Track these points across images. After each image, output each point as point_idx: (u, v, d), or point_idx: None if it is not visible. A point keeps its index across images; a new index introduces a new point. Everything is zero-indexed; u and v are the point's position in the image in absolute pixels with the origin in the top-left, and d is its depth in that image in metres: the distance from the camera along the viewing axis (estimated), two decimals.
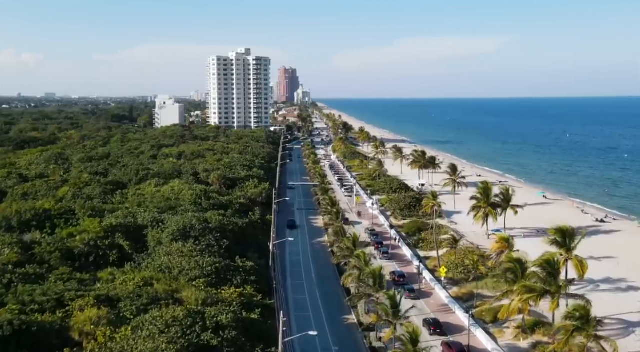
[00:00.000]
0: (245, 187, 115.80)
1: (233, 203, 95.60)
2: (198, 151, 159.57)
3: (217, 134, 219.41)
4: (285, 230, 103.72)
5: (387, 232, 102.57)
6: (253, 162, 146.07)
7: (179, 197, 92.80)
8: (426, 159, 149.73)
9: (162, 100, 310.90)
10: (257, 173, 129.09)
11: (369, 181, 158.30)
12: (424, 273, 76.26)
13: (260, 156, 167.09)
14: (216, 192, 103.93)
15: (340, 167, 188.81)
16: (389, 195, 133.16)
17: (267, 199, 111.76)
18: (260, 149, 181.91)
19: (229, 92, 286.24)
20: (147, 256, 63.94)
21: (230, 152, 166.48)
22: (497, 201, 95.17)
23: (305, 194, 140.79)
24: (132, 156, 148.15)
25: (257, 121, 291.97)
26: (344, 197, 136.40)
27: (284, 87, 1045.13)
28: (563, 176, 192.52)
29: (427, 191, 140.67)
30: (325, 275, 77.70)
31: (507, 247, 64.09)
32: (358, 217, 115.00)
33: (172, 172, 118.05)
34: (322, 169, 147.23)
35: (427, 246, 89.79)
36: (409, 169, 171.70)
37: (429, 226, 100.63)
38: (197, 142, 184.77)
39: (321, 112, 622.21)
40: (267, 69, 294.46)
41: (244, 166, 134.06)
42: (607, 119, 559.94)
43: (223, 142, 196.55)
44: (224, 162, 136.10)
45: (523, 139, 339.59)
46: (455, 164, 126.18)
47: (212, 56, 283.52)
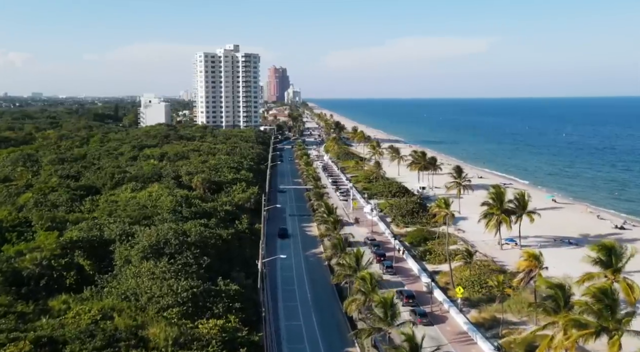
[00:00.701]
0: (231, 191, 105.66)
1: (218, 210, 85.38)
2: (182, 152, 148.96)
3: (204, 134, 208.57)
4: (276, 240, 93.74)
5: (388, 242, 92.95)
6: (241, 163, 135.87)
7: (157, 205, 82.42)
8: (426, 160, 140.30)
9: (147, 98, 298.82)
10: (246, 176, 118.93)
11: (364, 183, 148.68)
12: (434, 292, 66.63)
13: (249, 157, 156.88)
14: (199, 197, 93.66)
15: (334, 169, 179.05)
16: (388, 199, 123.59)
17: (256, 205, 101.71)
18: (249, 149, 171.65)
19: (216, 90, 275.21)
20: (112, 278, 53.67)
21: (217, 153, 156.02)
22: (511, 207, 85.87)
23: (298, 198, 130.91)
24: (111, 158, 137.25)
25: (247, 120, 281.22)
26: (339, 201, 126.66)
27: (274, 87, 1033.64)
28: (565, 177, 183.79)
29: (428, 194, 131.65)
30: (322, 296, 67.75)
31: (537, 265, 54.54)
32: (355, 224, 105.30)
33: (152, 176, 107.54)
34: (315, 171, 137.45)
35: (435, 259, 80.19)
36: (406, 171, 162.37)
37: (435, 234, 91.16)
38: (181, 143, 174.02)
39: (312, 111, 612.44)
40: (256, 66, 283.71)
41: (231, 168, 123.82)
42: (601, 118, 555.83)
43: (210, 143, 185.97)
44: (209, 164, 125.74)
45: (518, 139, 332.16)
46: (459, 166, 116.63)
47: (199, 53, 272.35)
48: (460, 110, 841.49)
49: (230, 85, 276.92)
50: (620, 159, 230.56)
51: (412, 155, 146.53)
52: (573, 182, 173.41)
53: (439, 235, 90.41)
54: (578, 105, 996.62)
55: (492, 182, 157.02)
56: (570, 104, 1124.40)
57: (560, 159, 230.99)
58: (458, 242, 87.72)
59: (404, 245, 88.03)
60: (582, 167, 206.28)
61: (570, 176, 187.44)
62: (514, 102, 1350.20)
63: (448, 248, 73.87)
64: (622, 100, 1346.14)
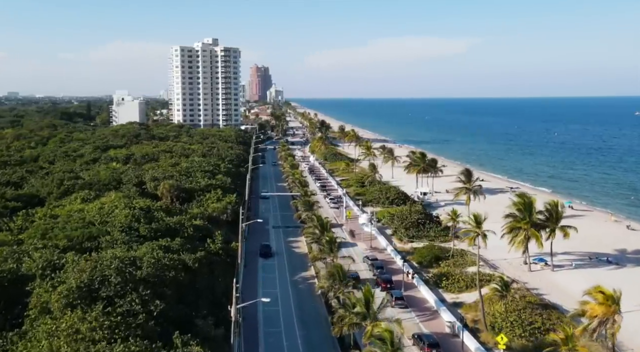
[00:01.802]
0: (204, 200, 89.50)
1: (185, 226, 69.21)
2: (152, 153, 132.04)
3: (179, 134, 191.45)
4: (258, 260, 77.90)
5: (391, 260, 77.83)
6: (218, 166, 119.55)
7: (108, 220, 66.00)
8: (426, 162, 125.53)
9: (120, 96, 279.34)
10: (222, 181, 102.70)
11: (357, 187, 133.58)
12: (462, 335, 51.43)
13: (228, 159, 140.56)
14: (164, 209, 77.30)
15: (322, 171, 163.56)
16: (385, 206, 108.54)
17: (234, 215, 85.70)
18: (228, 150, 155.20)
19: (194, 87, 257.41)
20: (18, 338, 37.41)
21: (192, 154, 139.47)
22: (540, 219, 71.31)
23: (283, 205, 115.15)
24: (67, 160, 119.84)
25: (226, 119, 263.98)
26: (329, 209, 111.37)
27: (256, 86, 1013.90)
28: (569, 180, 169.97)
29: (430, 200, 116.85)
30: (318, 344, 51.86)
31: (616, 311, 39.66)
32: (351, 238, 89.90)
33: (110, 182, 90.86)
34: (301, 175, 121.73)
35: (453, 286, 65.12)
36: (401, 173, 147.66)
37: (447, 252, 76.17)
38: (152, 143, 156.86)
39: (295, 110, 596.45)
40: (236, 61, 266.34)
41: (206, 172, 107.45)
42: (585, 118, 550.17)
43: (184, 143, 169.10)
44: (180, 168, 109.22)
45: (509, 139, 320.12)
46: (468, 169, 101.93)
47: (175, 47, 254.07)
48: (443, 109, 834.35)
49: (208, 81, 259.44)
50: (621, 159, 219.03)
51: (410, 156, 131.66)
52: (579, 186, 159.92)
53: (453, 253, 75.43)
54: (557, 106, 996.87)
55: (496, 186, 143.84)
56: (549, 104, 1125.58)
57: (558, 160, 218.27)
58: (477, 262, 72.83)
59: (413, 267, 72.82)
60: (584, 169, 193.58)
61: (573, 178, 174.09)
62: (495, 102, 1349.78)
63: (478, 278, 58.47)
64: (605, 100, 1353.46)
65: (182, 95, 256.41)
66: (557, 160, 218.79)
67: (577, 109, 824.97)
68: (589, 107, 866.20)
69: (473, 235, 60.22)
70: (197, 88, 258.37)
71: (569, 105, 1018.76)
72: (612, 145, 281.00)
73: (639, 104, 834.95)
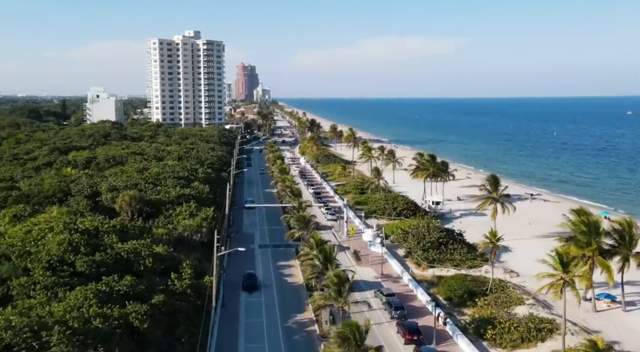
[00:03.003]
0: (174, 215, 72.11)
1: (142, 256, 51.79)
2: (119, 156, 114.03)
3: (156, 133, 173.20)
4: (239, 295, 60.64)
5: (410, 293, 61.10)
6: (195, 171, 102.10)
7: (33, 251, 48.32)
8: (436, 165, 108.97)
9: (95, 93, 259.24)
10: (198, 189, 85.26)
11: (355, 194, 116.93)
12: None
13: (208, 162, 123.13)
14: (118, 230, 59.74)
15: (315, 175, 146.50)
16: (391, 218, 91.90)
17: (211, 235, 68.43)
18: (209, 151, 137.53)
19: (174, 83, 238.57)
20: None
21: (166, 157, 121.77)
22: (609, 244, 54.94)
23: (271, 217, 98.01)
24: (14, 164, 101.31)
25: (209, 118, 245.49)
26: (325, 221, 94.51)
27: (243, 85, 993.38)
28: (584, 185, 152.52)
29: (442, 210, 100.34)
30: None
31: None
32: (355, 261, 72.96)
33: (55, 193, 72.96)
34: (293, 181, 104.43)
35: (504, 338, 48.18)
36: (404, 177, 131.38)
37: (484, 284, 59.50)
38: (123, 144, 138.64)
39: (282, 110, 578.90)
40: (220, 55, 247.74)
41: (180, 179, 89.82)
42: (581, 118, 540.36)
43: (160, 144, 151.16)
44: (148, 174, 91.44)
45: (508, 139, 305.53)
46: (496, 175, 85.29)
47: (153, 39, 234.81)
48: (433, 109, 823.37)
49: (190, 77, 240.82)
50: (633, 160, 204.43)
51: (417, 159, 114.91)
52: (597, 191, 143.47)
53: (491, 287, 58.62)
54: (548, 105, 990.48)
55: (512, 193, 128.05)
56: (540, 104, 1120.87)
57: (564, 162, 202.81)
58: (524, 299, 56.25)
59: (441, 305, 55.92)
60: (595, 172, 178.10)
61: (587, 182, 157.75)
62: (484, 102, 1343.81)
63: (564, 343, 41.27)
64: (595, 100, 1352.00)
65: (161, 92, 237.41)
66: (563, 162, 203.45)
67: (569, 108, 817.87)
68: (580, 107, 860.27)
69: (559, 282, 42.31)
70: (178, 84, 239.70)
71: (560, 105, 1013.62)
72: (615, 145, 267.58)
73: (630, 104, 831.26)
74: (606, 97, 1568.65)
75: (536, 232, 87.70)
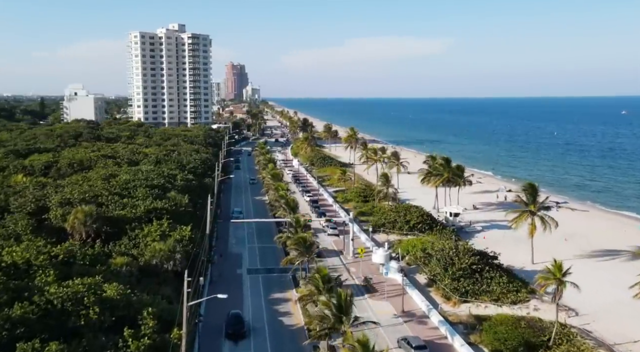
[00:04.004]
0: (142, 237, 57.42)
1: (84, 305, 37.20)
2: (87, 160, 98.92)
3: (135, 133, 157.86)
4: (221, 344, 46.25)
5: (442, 341, 47.06)
6: (173, 178, 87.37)
7: None
8: (451, 170, 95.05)
9: (72, 90, 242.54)
10: (175, 201, 70.61)
11: (357, 202, 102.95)
12: None
13: (190, 166, 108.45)
14: (62, 261, 45.04)
15: (310, 180, 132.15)
16: (403, 232, 77.97)
17: (187, 260, 53.97)
18: (192, 154, 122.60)
19: (157, 79, 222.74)
20: None
21: (143, 160, 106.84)
22: None
23: (262, 232, 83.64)
24: None
25: (195, 117, 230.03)
26: (326, 236, 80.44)
27: (232, 84, 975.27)
28: (602, 191, 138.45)
29: (461, 224, 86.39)
30: None
31: None
32: (366, 290, 58.76)
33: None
34: (287, 189, 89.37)
35: None
36: (406, 182, 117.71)
37: (543, 333, 45.48)
38: (95, 145, 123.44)
39: (272, 109, 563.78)
40: (206, 50, 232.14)
41: (153, 188, 75.03)
42: (577, 117, 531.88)
43: (139, 145, 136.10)
44: (116, 182, 76.56)
45: (507, 139, 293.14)
46: (533, 184, 71.20)
47: (135, 33, 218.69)
48: (426, 109, 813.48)
49: (174, 73, 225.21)
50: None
51: (429, 163, 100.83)
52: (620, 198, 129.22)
53: (555, 336, 44.64)
54: (542, 105, 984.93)
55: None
56: (533, 103, 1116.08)
57: (573, 164, 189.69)
58: None
59: None
60: (611, 175, 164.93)
61: (608, 188, 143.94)
62: (476, 101, 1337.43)
63: None
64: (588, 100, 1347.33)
65: (143, 90, 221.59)
66: (572, 164, 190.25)
67: (564, 108, 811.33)
68: (575, 107, 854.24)
69: None
70: (161, 81, 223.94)
71: (555, 104, 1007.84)
72: (620, 145, 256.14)
73: (624, 104, 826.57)
74: (599, 97, 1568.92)
75: (576, 249, 74.23)
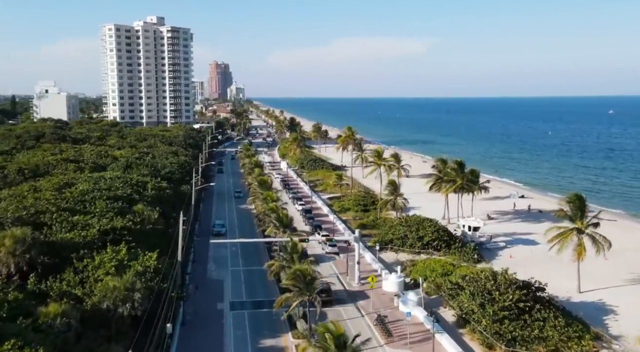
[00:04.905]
0: (91, 269, 44.02)
1: None
2: (43, 165, 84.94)
3: (107, 134, 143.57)
4: None
5: None
6: (143, 186, 73.95)
7: None
8: (465, 176, 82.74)
9: (43, 87, 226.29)
10: (142, 216, 57.28)
11: (357, 211, 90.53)
12: None
13: (166, 171, 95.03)
14: None
15: (301, 185, 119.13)
16: (416, 251, 65.50)
17: (149, 301, 40.88)
18: (169, 157, 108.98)
19: (134, 75, 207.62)
20: None
21: (110, 164, 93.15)
22: None
23: (249, 251, 70.43)
24: None
25: (175, 116, 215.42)
26: (323, 254, 67.61)
27: (216, 83, 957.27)
28: (619, 196, 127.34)
29: (482, 239, 74.04)
30: None
31: None
32: (383, 336, 45.91)
33: None
34: (278, 199, 75.43)
35: None
36: (409, 188, 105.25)
37: None
38: (60, 147, 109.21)
39: (258, 109, 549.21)
40: (187, 44, 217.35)
41: (116, 200, 61.51)
42: (565, 117, 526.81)
43: (110, 147, 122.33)
44: (69, 193, 62.88)
45: (502, 140, 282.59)
46: (581, 195, 58.78)
47: (109, 25, 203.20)
48: (412, 108, 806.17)
49: (152, 69, 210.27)
50: None
51: (438, 167, 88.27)
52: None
53: None
54: (527, 104, 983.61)
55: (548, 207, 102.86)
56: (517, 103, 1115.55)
57: (577, 166, 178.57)
58: None
59: None
60: (623, 178, 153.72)
61: (624, 193, 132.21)
62: (462, 101, 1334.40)
63: None
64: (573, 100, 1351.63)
65: (118, 87, 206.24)
66: (575, 166, 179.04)
67: (551, 107, 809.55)
68: (561, 106, 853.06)
69: None
70: (138, 78, 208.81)
71: (541, 104, 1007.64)
72: (619, 145, 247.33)
73: (609, 104, 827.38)
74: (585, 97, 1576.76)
75: (624, 270, 62.20)
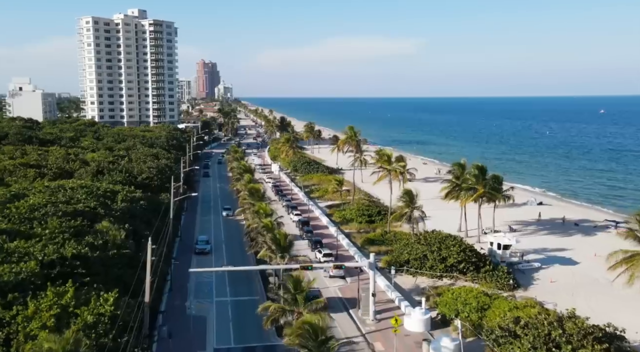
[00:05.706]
0: (22, 322, 32.04)
1: None
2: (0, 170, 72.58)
3: (81, 134, 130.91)
4: None
5: None
6: (112, 197, 62.09)
7: None
8: (487, 184, 71.70)
9: (17, 85, 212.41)
10: (105, 238, 45.53)
11: (361, 223, 79.37)
12: None
13: (144, 177, 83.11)
14: None
15: (295, 191, 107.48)
16: (438, 274, 54.47)
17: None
18: (147, 161, 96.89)
19: (114, 72, 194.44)
20: None
21: (79, 170, 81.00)
22: None
23: (237, 278, 58.68)
24: None
25: (158, 115, 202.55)
26: (325, 278, 56.27)
27: (203, 82, 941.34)
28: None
29: (512, 259, 63.09)
30: None
31: None
32: None
33: None
34: (272, 212, 63.61)
35: None
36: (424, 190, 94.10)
37: None
38: (22, 149, 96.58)
39: (246, 108, 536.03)
40: (171, 39, 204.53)
41: (75, 217, 49.55)
42: (557, 116, 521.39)
43: (83, 149, 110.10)
44: (14, 209, 50.82)
45: (499, 140, 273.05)
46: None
47: (86, 18, 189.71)
48: (402, 108, 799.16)
49: (134, 65, 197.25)
50: None
51: (454, 172, 77.07)
52: None
53: None
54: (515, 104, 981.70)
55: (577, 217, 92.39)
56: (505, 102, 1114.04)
57: (585, 168, 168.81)
58: None
59: None
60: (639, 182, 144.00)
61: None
62: (451, 101, 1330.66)
63: None
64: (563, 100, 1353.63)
65: (97, 84, 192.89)
66: (583, 168, 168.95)
67: (542, 106, 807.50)
68: (551, 105, 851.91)
69: None
70: (119, 74, 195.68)
71: (530, 103, 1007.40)
72: (622, 144, 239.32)
73: (599, 103, 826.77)
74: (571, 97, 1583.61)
75: None
